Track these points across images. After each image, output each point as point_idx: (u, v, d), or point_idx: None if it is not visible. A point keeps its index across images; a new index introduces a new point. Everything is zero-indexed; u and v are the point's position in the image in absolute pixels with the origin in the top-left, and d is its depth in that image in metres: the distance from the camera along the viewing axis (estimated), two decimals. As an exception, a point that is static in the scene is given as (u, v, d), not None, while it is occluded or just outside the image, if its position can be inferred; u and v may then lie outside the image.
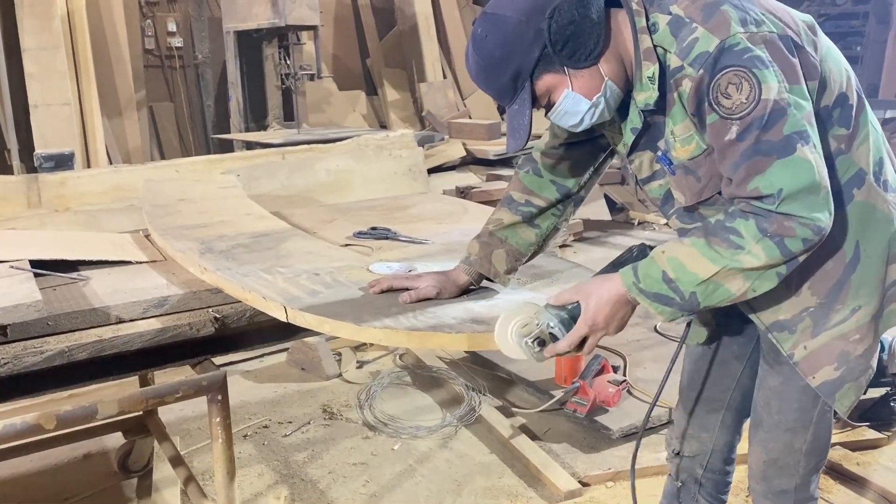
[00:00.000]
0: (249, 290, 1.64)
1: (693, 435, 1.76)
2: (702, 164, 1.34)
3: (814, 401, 1.47)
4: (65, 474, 2.78)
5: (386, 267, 1.76)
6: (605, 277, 1.35)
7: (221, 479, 1.80)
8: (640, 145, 1.44)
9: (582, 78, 1.33)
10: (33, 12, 5.51)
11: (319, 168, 3.95)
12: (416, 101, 8.63)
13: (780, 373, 1.49)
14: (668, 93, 1.31)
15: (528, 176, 1.65)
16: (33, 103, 5.52)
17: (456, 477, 2.72)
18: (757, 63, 1.20)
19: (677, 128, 1.33)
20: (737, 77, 1.20)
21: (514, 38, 1.29)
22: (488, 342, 1.36)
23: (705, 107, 1.25)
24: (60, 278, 1.88)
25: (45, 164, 3.43)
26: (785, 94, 1.21)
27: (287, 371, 3.67)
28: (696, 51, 1.24)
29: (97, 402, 1.62)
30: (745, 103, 1.20)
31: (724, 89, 1.22)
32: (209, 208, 2.47)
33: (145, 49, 7.42)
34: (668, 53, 1.29)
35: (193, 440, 2.99)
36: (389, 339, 1.41)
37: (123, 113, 6.74)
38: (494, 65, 1.32)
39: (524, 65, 1.31)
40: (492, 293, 1.59)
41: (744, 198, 1.24)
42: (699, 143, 1.32)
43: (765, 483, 1.57)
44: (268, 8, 5.91)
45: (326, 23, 7.99)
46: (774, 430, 1.52)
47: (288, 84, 6.23)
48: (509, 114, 1.37)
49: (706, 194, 1.37)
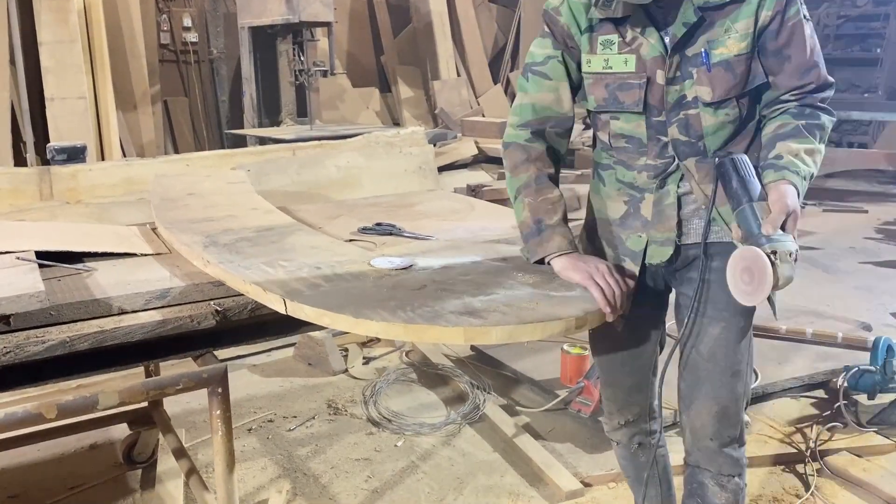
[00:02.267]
0: (250, 282, 1.64)
1: (632, 402, 1.86)
2: (741, 63, 1.52)
3: (748, 340, 1.64)
4: (70, 464, 2.80)
5: (388, 261, 1.76)
6: (786, 191, 1.42)
7: (221, 472, 1.81)
8: (674, 49, 1.53)
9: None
10: (50, 6, 5.56)
11: (329, 164, 3.95)
12: (430, 98, 8.64)
13: (721, 319, 1.61)
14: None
15: (553, 153, 1.72)
16: (49, 96, 5.58)
17: (458, 474, 2.72)
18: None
19: (739, 24, 1.50)
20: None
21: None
22: (484, 335, 1.37)
23: (793, 10, 1.50)
24: (65, 269, 1.89)
25: (58, 157, 3.45)
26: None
27: (294, 366, 3.68)
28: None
29: (98, 393, 1.63)
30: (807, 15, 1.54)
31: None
32: (216, 203, 2.48)
33: (160, 44, 7.48)
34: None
35: (199, 433, 3.01)
36: (387, 331, 1.40)
37: (138, 107, 6.80)
38: None
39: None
40: (490, 289, 1.59)
41: (812, 86, 1.54)
42: (749, 44, 1.51)
43: (717, 437, 1.66)
44: (282, 4, 5.93)
45: (341, 19, 8.01)
46: (722, 378, 1.63)
47: (301, 80, 6.26)
48: None
49: (733, 93, 1.54)
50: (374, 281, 1.64)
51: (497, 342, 1.38)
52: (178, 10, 7.61)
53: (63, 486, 2.64)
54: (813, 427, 2.89)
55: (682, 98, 1.57)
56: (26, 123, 5.67)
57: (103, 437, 2.94)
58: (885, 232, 6.24)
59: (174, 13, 7.57)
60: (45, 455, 2.83)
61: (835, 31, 9.76)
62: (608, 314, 1.48)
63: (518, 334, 1.39)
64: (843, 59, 9.72)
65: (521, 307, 1.45)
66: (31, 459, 2.80)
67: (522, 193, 1.66)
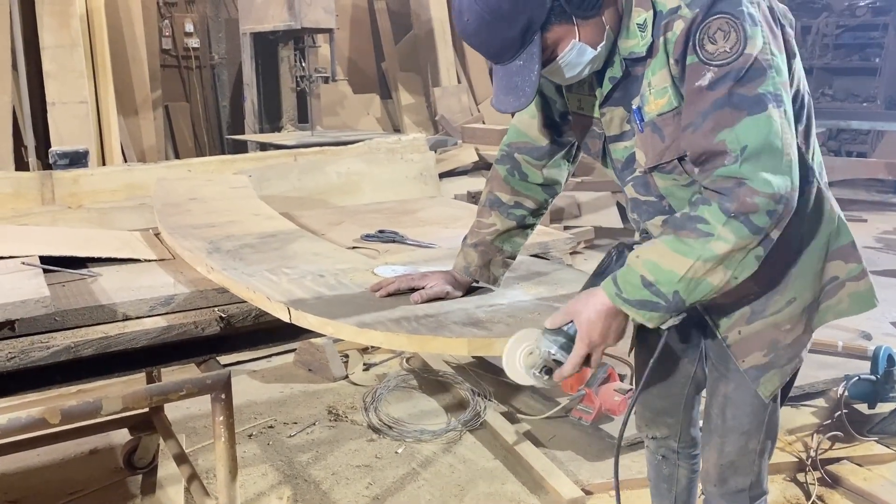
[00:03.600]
0: (254, 290, 1.65)
1: (660, 422, 1.82)
2: (669, 123, 1.31)
3: (763, 404, 1.52)
4: (71, 469, 2.80)
5: (391, 270, 1.76)
6: (590, 293, 1.33)
7: (223, 478, 1.81)
8: (614, 99, 1.40)
9: (587, 27, 1.29)
10: (53, 11, 5.56)
11: (330, 170, 3.96)
12: (431, 105, 8.64)
13: (731, 379, 1.53)
14: (655, 39, 1.29)
15: (515, 179, 1.63)
16: (51, 101, 5.58)
17: (459, 482, 2.72)
18: (748, 18, 1.21)
19: (655, 77, 1.30)
20: (727, 25, 1.20)
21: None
22: (488, 347, 1.37)
23: (689, 47, 1.23)
24: (70, 275, 1.89)
25: (60, 162, 3.46)
26: (768, 56, 1.21)
27: (294, 372, 3.68)
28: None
29: (101, 399, 1.63)
30: (728, 52, 1.20)
31: (711, 34, 1.21)
32: (219, 208, 2.49)
33: (162, 49, 7.48)
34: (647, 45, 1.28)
35: (199, 438, 3.01)
36: (391, 341, 1.41)
37: (139, 112, 6.80)
38: (502, 17, 1.23)
39: (536, 16, 1.24)
40: (491, 294, 1.60)
41: (707, 153, 1.22)
42: (671, 99, 1.29)
43: (721, 485, 1.61)
44: (284, 10, 5.94)
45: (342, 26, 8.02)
46: (730, 435, 1.57)
47: (303, 86, 6.26)
48: (507, 70, 1.29)
49: (666, 157, 1.33)
50: None
51: (500, 353, 1.39)
52: (180, 15, 7.62)
53: (63, 491, 2.63)
54: (813, 436, 2.89)
55: (631, 157, 1.44)
56: (28, 128, 5.67)
57: (104, 442, 2.93)
58: (884, 241, 6.25)
59: (176, 19, 7.58)
60: (45, 460, 2.82)
61: (834, 40, 9.80)
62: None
63: None
64: (842, 68, 9.76)
65: (525, 318, 1.45)
66: (32, 464, 2.80)
67: (476, 209, 1.69)
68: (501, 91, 1.31)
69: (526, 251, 2.22)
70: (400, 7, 8.88)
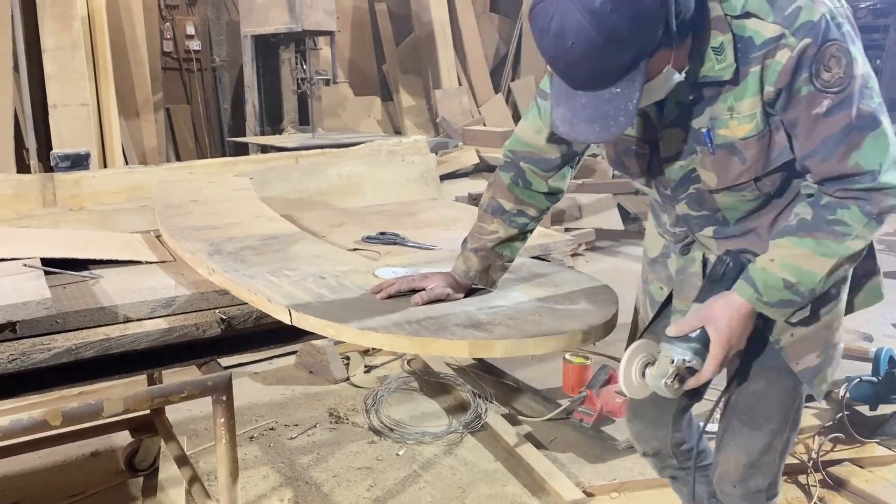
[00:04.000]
0: (256, 292, 1.65)
1: (649, 436, 1.81)
2: (752, 146, 1.30)
3: (793, 399, 1.53)
4: (72, 471, 2.80)
5: (392, 272, 1.76)
6: (725, 298, 1.34)
7: (224, 480, 1.81)
8: (672, 121, 1.38)
9: (679, 51, 1.26)
10: (54, 13, 5.58)
11: (331, 172, 3.97)
12: (431, 107, 8.66)
13: (764, 377, 1.52)
14: (743, 66, 1.26)
15: (519, 188, 1.61)
16: (52, 103, 5.59)
17: (460, 484, 2.71)
18: (848, 38, 1.22)
19: (742, 103, 1.28)
20: (838, 51, 1.21)
21: (648, 12, 1.14)
22: (489, 349, 1.36)
23: (801, 78, 1.22)
24: (71, 276, 1.90)
25: (61, 164, 3.46)
26: (866, 69, 1.25)
27: (295, 374, 3.68)
28: (801, 19, 1.20)
29: (103, 400, 1.63)
30: (842, 78, 1.21)
31: (826, 62, 1.21)
32: (220, 210, 2.49)
33: (163, 51, 7.50)
34: (755, 21, 1.24)
35: (200, 440, 3.01)
36: (392, 343, 1.41)
37: (140, 114, 6.81)
38: (617, 42, 1.14)
39: (650, 41, 1.17)
40: (491, 296, 1.61)
41: (843, 175, 1.25)
42: (758, 123, 1.29)
43: (742, 485, 1.60)
44: (285, 13, 5.95)
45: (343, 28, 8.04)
46: (756, 433, 1.55)
47: (304, 88, 6.27)
48: (597, 98, 1.20)
49: (744, 178, 1.34)
50: None
51: (502, 356, 1.39)
52: (182, 18, 7.64)
53: (64, 493, 2.63)
54: (815, 438, 2.89)
55: (692, 172, 1.41)
56: (29, 130, 5.68)
57: (105, 444, 2.93)
58: (885, 243, 6.24)
59: (177, 21, 7.60)
60: (46, 462, 2.82)
61: (835, 42, 9.82)
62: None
63: (522, 348, 1.38)
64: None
65: (526, 320, 1.45)
66: (33, 466, 2.80)
67: (477, 212, 1.68)
68: (584, 119, 1.22)
69: (527, 253, 2.22)
70: (401, 9, 8.90)
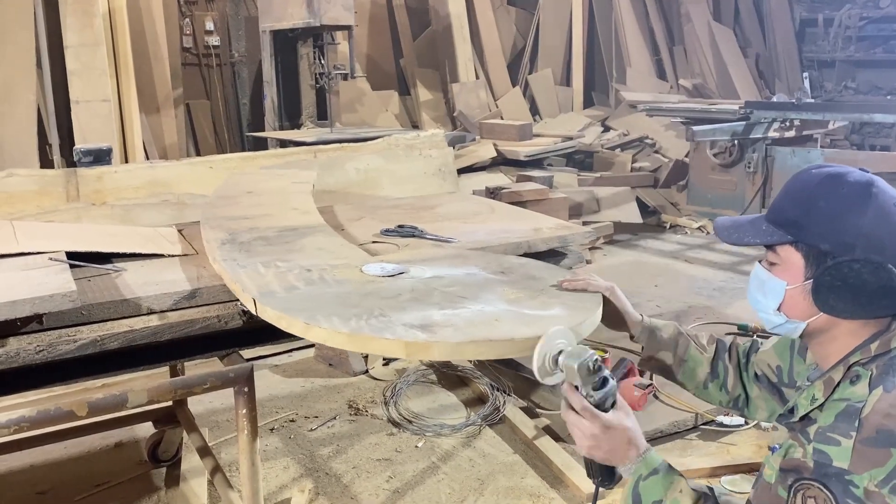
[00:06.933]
0: (236, 281, 1.67)
1: None
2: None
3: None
4: (97, 462, 2.85)
5: (380, 268, 1.75)
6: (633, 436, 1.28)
7: (246, 471, 1.83)
8: (790, 425, 1.31)
9: (803, 293, 1.27)
10: (76, 10, 5.63)
11: (350, 167, 3.98)
12: (449, 101, 8.65)
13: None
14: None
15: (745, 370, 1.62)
16: (74, 99, 5.65)
17: (479, 476, 2.73)
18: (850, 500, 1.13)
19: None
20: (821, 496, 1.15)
21: (839, 215, 1.22)
22: (425, 351, 1.33)
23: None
24: (95, 269, 1.93)
25: (84, 159, 3.50)
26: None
27: (315, 366, 3.71)
28: (820, 448, 1.16)
29: (128, 391, 1.66)
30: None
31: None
32: (265, 201, 2.48)
33: (183, 47, 7.55)
34: (820, 403, 1.22)
35: (222, 432, 3.05)
36: (333, 339, 1.39)
37: (161, 110, 6.87)
38: (802, 204, 1.26)
39: (808, 233, 1.25)
40: (465, 302, 1.53)
41: None
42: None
43: None
44: (303, 8, 5.97)
45: (361, 23, 8.05)
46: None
47: (322, 83, 6.28)
48: (742, 228, 1.34)
49: None
50: (356, 286, 1.63)
51: (439, 358, 1.35)
52: (201, 13, 7.68)
53: (89, 483, 2.68)
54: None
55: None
56: (52, 126, 5.75)
57: (129, 435, 2.98)
58: None
59: (196, 17, 7.65)
60: (71, 452, 2.87)
61: (857, 32, 9.66)
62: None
63: (461, 352, 1.35)
64: (866, 60, 9.62)
65: (481, 323, 1.40)
66: (59, 457, 2.85)
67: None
68: (731, 225, 1.36)
69: (545, 245, 2.23)
70: (418, 3, 8.89)
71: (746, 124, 6.12)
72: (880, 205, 1.21)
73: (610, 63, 9.53)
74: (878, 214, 1.21)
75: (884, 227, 1.21)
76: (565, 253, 2.30)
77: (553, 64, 9.38)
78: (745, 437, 2.94)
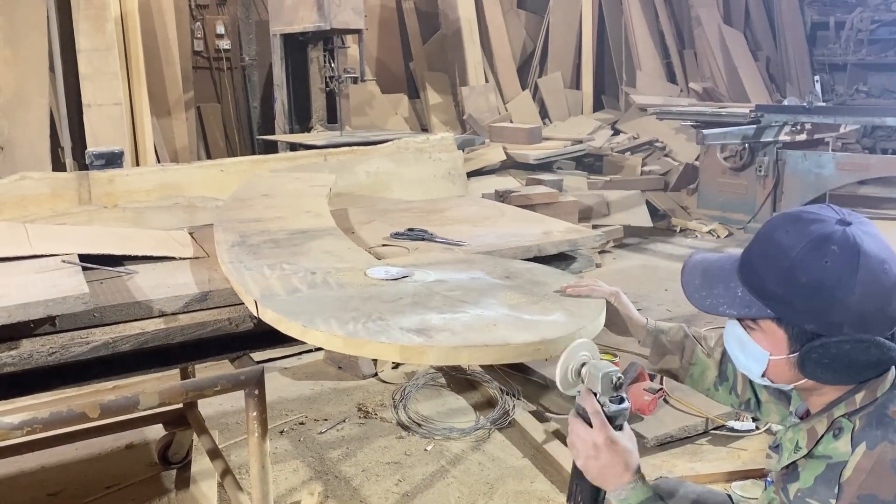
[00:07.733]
0: (240, 283, 1.68)
1: None
2: None
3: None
4: (107, 463, 2.86)
5: (384, 272, 1.75)
6: (624, 466, 1.26)
7: (256, 473, 1.84)
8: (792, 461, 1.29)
9: (787, 364, 1.21)
10: (88, 15, 5.68)
11: (360, 170, 4.00)
12: (458, 104, 8.66)
13: None
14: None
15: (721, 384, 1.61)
16: (86, 103, 5.69)
17: (488, 480, 2.72)
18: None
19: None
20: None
21: (824, 293, 1.13)
22: (420, 356, 1.33)
23: None
24: (107, 272, 1.94)
25: (96, 162, 3.53)
26: None
27: (324, 369, 3.72)
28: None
29: (139, 394, 1.67)
30: None
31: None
32: (278, 204, 2.48)
33: (194, 51, 7.58)
34: (804, 454, 1.20)
35: (232, 434, 3.05)
36: (329, 343, 1.39)
37: (172, 113, 6.90)
38: (783, 276, 1.16)
39: (792, 310, 1.17)
40: (465, 307, 1.52)
41: None
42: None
43: None
44: (314, 12, 5.98)
45: (371, 26, 8.06)
46: None
47: (332, 87, 6.30)
48: (715, 289, 1.25)
49: None
50: (357, 290, 1.63)
51: (434, 363, 1.34)
52: (212, 17, 7.72)
53: (100, 484, 2.69)
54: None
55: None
56: (64, 129, 5.80)
57: (139, 437, 2.99)
58: None
59: (208, 21, 7.68)
60: (82, 454, 2.89)
61: (868, 35, 9.62)
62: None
63: (456, 356, 1.34)
64: (877, 63, 9.58)
65: (479, 328, 1.40)
66: (70, 458, 2.86)
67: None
68: (705, 288, 1.27)
69: (555, 248, 2.23)
70: (428, 7, 8.90)
71: (757, 128, 6.09)
72: (868, 275, 1.12)
73: (620, 66, 9.52)
74: (866, 290, 1.12)
75: (873, 301, 1.12)
76: (575, 257, 2.29)
77: (563, 67, 9.37)
78: (757, 441, 2.92)
